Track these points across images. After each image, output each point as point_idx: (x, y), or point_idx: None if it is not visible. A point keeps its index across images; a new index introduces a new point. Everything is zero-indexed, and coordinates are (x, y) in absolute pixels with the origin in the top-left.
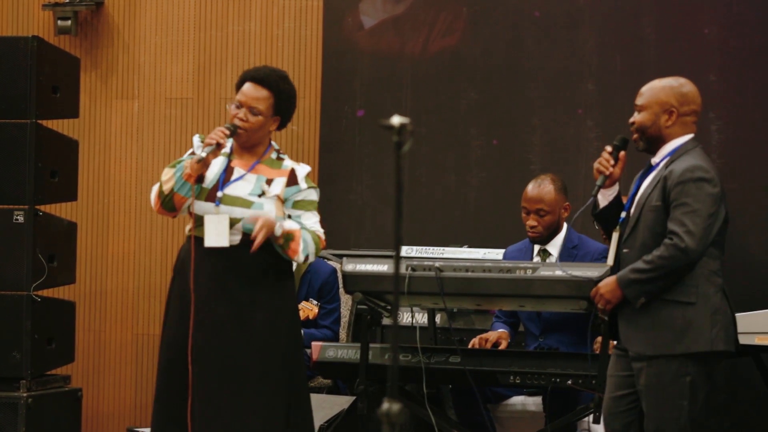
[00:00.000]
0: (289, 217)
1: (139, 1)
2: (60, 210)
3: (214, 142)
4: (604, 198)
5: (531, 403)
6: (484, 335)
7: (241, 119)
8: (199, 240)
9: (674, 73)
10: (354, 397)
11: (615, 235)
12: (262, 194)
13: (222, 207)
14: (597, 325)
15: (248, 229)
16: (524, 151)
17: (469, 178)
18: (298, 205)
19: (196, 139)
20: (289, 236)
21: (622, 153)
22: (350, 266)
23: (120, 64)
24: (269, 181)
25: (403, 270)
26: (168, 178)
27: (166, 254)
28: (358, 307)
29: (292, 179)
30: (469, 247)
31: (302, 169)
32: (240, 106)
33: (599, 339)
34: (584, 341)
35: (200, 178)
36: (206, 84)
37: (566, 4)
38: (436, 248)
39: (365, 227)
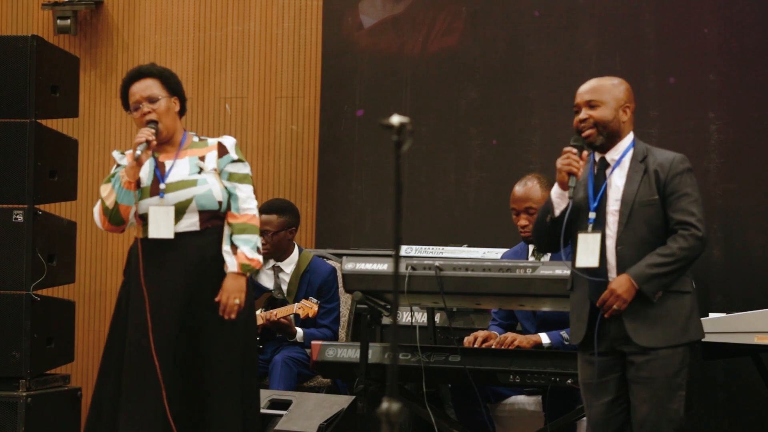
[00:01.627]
0: (226, 189)
1: (139, 1)
2: (59, 209)
3: (143, 140)
4: (563, 201)
5: (530, 402)
6: (474, 334)
7: (147, 113)
8: (146, 239)
9: (674, 72)
10: (353, 397)
11: (592, 236)
12: (200, 171)
13: (168, 196)
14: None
15: (203, 206)
16: (524, 150)
17: (468, 177)
18: (232, 177)
19: (116, 153)
20: (245, 267)
21: (584, 153)
22: (350, 265)
23: (119, 64)
24: (202, 158)
25: (402, 269)
26: (108, 193)
27: None
28: (358, 306)
29: (222, 150)
30: (469, 246)
31: (229, 140)
32: (138, 105)
33: (505, 336)
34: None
35: (138, 183)
36: (206, 83)
37: (566, 4)
38: (435, 247)
39: (365, 226)
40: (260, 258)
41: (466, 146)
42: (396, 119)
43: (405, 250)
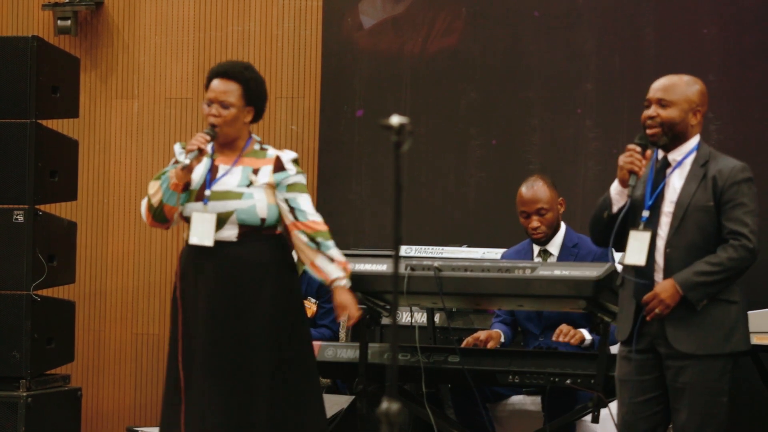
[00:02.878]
0: (286, 201)
1: (139, 1)
2: (60, 210)
3: (195, 147)
4: (621, 198)
5: (530, 402)
6: (475, 335)
7: (214, 115)
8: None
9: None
10: (353, 397)
11: (642, 234)
12: (250, 184)
13: (211, 204)
14: (596, 324)
15: (243, 221)
16: (523, 151)
17: (468, 178)
18: (291, 188)
19: (177, 147)
20: (348, 277)
21: (648, 152)
22: (349, 266)
23: (120, 64)
24: (255, 171)
25: (402, 270)
26: (155, 191)
27: (165, 254)
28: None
29: (278, 165)
30: (468, 246)
31: (287, 155)
32: (211, 103)
33: (563, 327)
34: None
35: (186, 185)
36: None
37: (565, 4)
38: (435, 248)
39: (364, 227)
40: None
41: (465, 146)
42: (396, 119)
43: (404, 250)
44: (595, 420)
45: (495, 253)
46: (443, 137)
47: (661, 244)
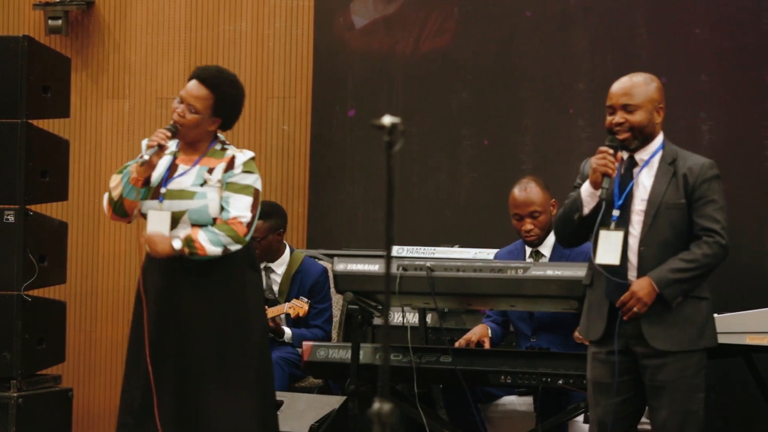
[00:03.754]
0: (222, 199)
1: (130, 1)
2: (51, 210)
3: (155, 143)
4: (592, 200)
5: (522, 402)
6: (467, 336)
7: (179, 114)
8: None
9: (666, 73)
10: (345, 397)
11: (615, 233)
12: (203, 183)
13: (165, 202)
14: None
15: (195, 221)
16: (515, 151)
17: (460, 178)
18: (229, 186)
19: (144, 142)
20: (188, 241)
21: (619, 154)
22: (341, 266)
23: (111, 64)
24: (211, 170)
25: (394, 270)
26: (116, 184)
27: None
28: (349, 306)
29: (230, 165)
30: (460, 247)
31: (243, 156)
32: (181, 101)
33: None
34: (575, 341)
35: (147, 181)
36: None
37: (558, 5)
38: (427, 248)
39: (356, 227)
40: (214, 251)
41: (457, 146)
42: (387, 119)
43: (396, 250)
44: (587, 420)
45: (487, 253)
46: (435, 137)
47: (633, 242)
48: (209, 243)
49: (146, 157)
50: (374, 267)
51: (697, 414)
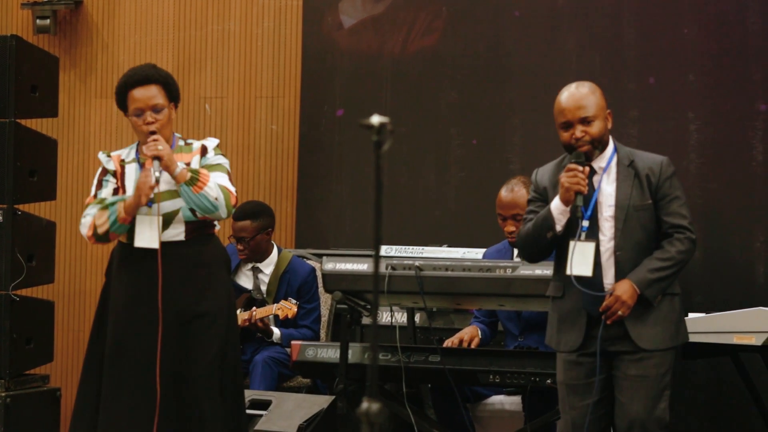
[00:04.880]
0: None
1: (118, 1)
2: (39, 209)
3: (155, 154)
4: (564, 217)
5: (510, 402)
6: (457, 336)
7: (150, 122)
8: (129, 246)
9: (654, 73)
10: (333, 397)
11: (587, 244)
12: None
13: (154, 206)
14: None
15: (188, 217)
16: (504, 150)
17: (448, 177)
18: (209, 168)
19: (102, 156)
20: (196, 171)
21: (586, 169)
22: (330, 265)
23: (99, 63)
24: (188, 164)
25: (382, 269)
26: (102, 221)
27: None
28: (338, 306)
29: (203, 152)
30: (449, 246)
31: (210, 142)
32: (142, 112)
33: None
34: None
35: (124, 190)
36: (185, 83)
37: (546, 5)
38: (415, 247)
39: (345, 226)
40: (213, 194)
41: (446, 146)
42: (376, 119)
43: (385, 250)
44: None
45: (475, 253)
46: (424, 137)
47: (607, 249)
48: (213, 186)
49: (158, 174)
50: (363, 266)
51: (664, 411)
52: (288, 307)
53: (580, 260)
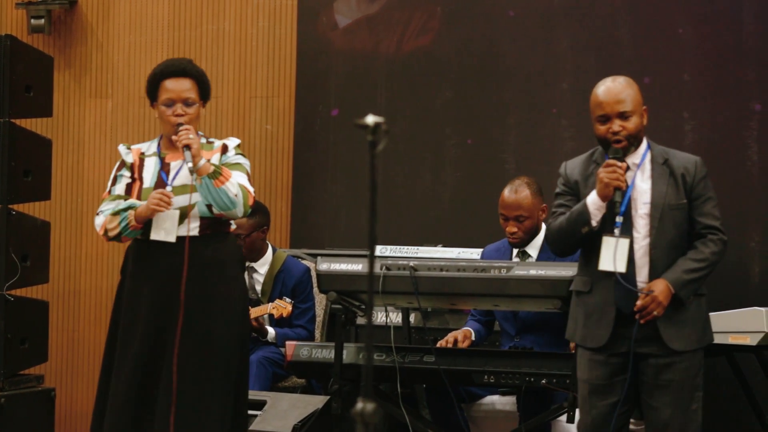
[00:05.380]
0: None
1: (113, 0)
2: (33, 209)
3: (187, 143)
4: (600, 212)
5: (505, 402)
6: (451, 335)
7: (179, 114)
8: (144, 241)
9: (649, 72)
10: (328, 397)
11: (621, 240)
12: None
13: (172, 199)
14: None
15: (204, 212)
16: (499, 150)
17: (443, 177)
18: (229, 167)
19: (122, 148)
20: (218, 168)
21: (624, 164)
22: (324, 265)
23: (94, 63)
24: (208, 161)
25: (377, 269)
26: (113, 227)
27: None
28: (333, 306)
29: (224, 151)
30: (444, 246)
31: (232, 142)
32: (172, 103)
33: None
34: (559, 341)
35: (144, 223)
36: None
37: (541, 4)
38: (410, 248)
39: (340, 226)
40: (233, 191)
41: (441, 146)
42: (371, 119)
43: (380, 250)
44: (570, 420)
45: (470, 253)
46: (419, 137)
47: (642, 246)
48: (234, 183)
49: (190, 165)
50: (357, 266)
51: (697, 413)
52: (283, 306)
53: (615, 256)
